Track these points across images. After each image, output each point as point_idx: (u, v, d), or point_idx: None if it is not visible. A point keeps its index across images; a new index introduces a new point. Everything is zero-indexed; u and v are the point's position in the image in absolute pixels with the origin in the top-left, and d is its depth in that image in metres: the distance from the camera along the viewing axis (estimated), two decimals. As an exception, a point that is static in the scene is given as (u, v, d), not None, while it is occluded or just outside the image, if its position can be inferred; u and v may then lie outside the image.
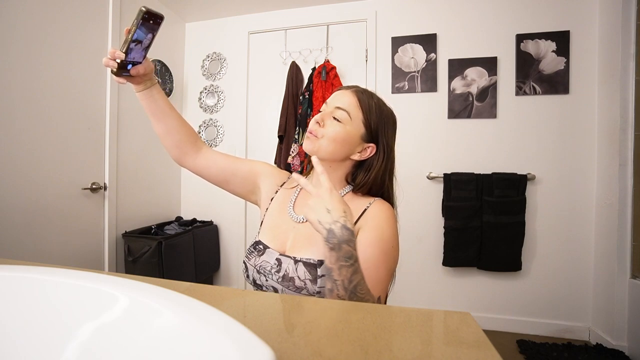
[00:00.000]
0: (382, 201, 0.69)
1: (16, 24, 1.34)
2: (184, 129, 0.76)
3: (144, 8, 0.57)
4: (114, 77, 0.64)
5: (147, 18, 0.58)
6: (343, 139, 0.66)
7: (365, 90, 0.71)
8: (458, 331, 0.35)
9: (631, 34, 1.60)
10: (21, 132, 1.37)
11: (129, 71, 0.63)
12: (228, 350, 0.20)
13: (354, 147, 0.68)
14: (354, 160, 0.70)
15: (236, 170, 0.78)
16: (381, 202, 0.69)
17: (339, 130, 0.65)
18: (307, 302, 0.42)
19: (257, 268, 0.67)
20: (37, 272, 0.33)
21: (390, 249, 0.62)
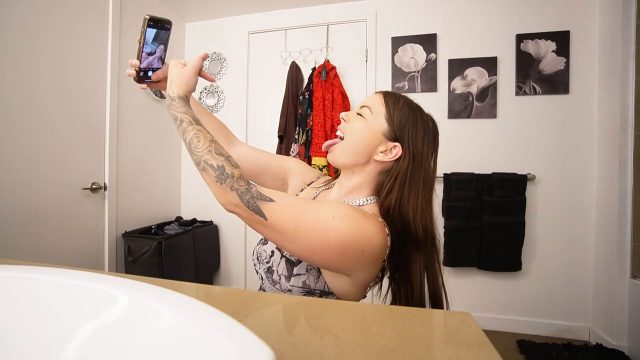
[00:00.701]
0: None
1: (16, 24, 1.34)
2: (214, 124, 0.80)
3: (147, 15, 0.61)
4: (137, 83, 0.70)
5: (152, 25, 0.62)
6: (364, 134, 0.62)
7: (396, 93, 0.69)
8: (458, 331, 0.35)
9: (631, 34, 1.60)
10: (21, 132, 1.37)
11: (150, 77, 0.70)
12: (228, 351, 0.20)
13: (376, 144, 0.62)
14: (379, 164, 0.63)
15: (267, 165, 0.79)
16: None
17: (361, 125, 0.63)
18: (307, 302, 0.42)
19: (257, 255, 0.70)
20: (37, 272, 0.33)
21: (328, 215, 0.51)
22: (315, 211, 0.53)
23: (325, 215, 0.52)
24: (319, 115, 1.96)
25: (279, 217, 0.51)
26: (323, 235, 0.50)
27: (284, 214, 0.51)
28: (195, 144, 0.54)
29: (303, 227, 0.51)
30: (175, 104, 0.58)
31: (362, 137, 0.62)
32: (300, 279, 0.59)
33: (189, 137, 0.55)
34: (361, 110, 0.65)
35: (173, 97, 0.59)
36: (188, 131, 0.55)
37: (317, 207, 0.54)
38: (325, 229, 0.51)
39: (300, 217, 0.51)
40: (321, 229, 0.51)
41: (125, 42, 1.88)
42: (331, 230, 0.50)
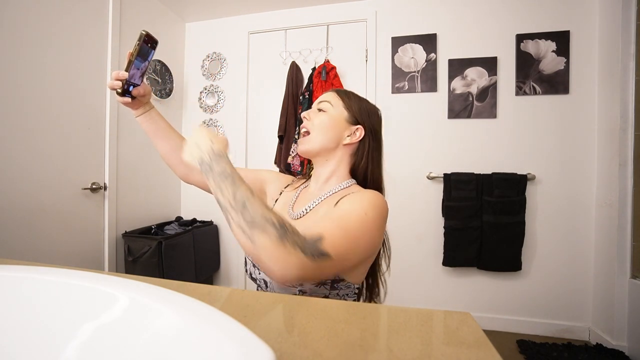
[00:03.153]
0: (373, 190, 0.67)
1: (16, 25, 1.34)
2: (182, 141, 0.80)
3: (144, 32, 0.63)
4: (118, 97, 0.69)
5: (146, 41, 0.64)
6: (329, 123, 0.70)
7: (345, 90, 0.77)
8: (458, 331, 0.35)
9: (631, 34, 1.60)
10: (21, 132, 1.37)
11: (131, 92, 0.70)
12: (228, 351, 0.20)
13: (342, 130, 0.71)
14: (347, 148, 0.72)
15: (244, 179, 0.80)
16: (372, 190, 0.67)
17: (323, 119, 0.71)
18: (307, 302, 0.42)
19: (252, 263, 0.69)
20: (37, 272, 0.33)
21: (361, 214, 0.56)
22: (349, 219, 0.55)
23: (359, 217, 0.56)
24: (319, 115, 1.95)
25: (338, 247, 0.51)
26: (371, 235, 0.57)
27: (338, 239, 0.51)
28: (252, 202, 0.48)
29: (354, 239, 0.54)
30: (222, 161, 0.52)
31: (329, 126, 0.70)
32: None
33: (242, 195, 0.49)
34: (321, 106, 0.73)
35: (219, 155, 0.52)
36: (241, 190, 0.50)
37: (347, 214, 0.56)
38: (369, 229, 0.56)
39: (348, 233, 0.53)
40: (367, 231, 0.56)
41: (126, 43, 1.88)
42: (373, 227, 0.57)
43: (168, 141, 0.79)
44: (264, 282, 0.66)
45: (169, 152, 0.79)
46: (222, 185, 0.50)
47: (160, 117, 0.80)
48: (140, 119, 0.77)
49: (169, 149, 0.79)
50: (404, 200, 2.03)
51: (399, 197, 2.04)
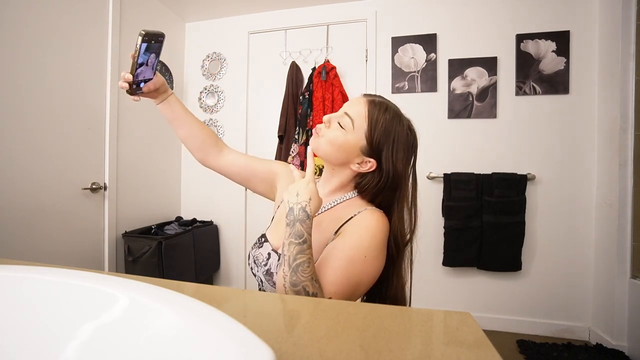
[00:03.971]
0: (374, 210, 0.65)
1: (16, 25, 1.34)
2: (204, 132, 0.82)
3: (143, 31, 0.60)
4: (129, 95, 0.70)
5: (147, 39, 0.62)
6: (340, 145, 0.64)
7: (383, 102, 0.67)
8: (458, 331, 0.35)
9: (631, 34, 1.60)
10: (21, 132, 1.37)
11: (142, 89, 0.70)
12: (228, 351, 0.20)
13: (352, 157, 0.65)
14: (354, 171, 0.67)
15: (255, 170, 0.81)
16: (372, 211, 0.64)
17: (338, 135, 0.64)
18: (307, 302, 0.42)
19: (254, 258, 0.71)
20: (37, 272, 0.33)
21: (361, 259, 0.57)
22: (353, 268, 0.57)
23: (359, 262, 0.57)
24: (319, 115, 1.96)
25: (346, 294, 0.56)
26: (372, 273, 0.59)
27: (344, 288, 0.56)
28: (304, 269, 0.52)
29: (356, 284, 0.57)
30: (305, 224, 0.55)
31: (338, 147, 0.64)
32: None
33: (302, 259, 0.53)
34: (344, 121, 0.64)
35: (307, 216, 0.55)
36: (305, 253, 0.53)
37: (350, 263, 0.57)
38: (368, 271, 0.58)
39: (350, 279, 0.56)
40: (368, 273, 0.58)
41: (126, 43, 1.88)
42: (373, 265, 0.59)
43: (187, 126, 0.80)
44: (260, 280, 0.69)
45: (188, 137, 0.81)
46: (292, 242, 0.54)
47: (179, 103, 0.80)
48: (160, 106, 0.78)
49: (189, 134, 0.81)
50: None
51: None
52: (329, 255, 0.58)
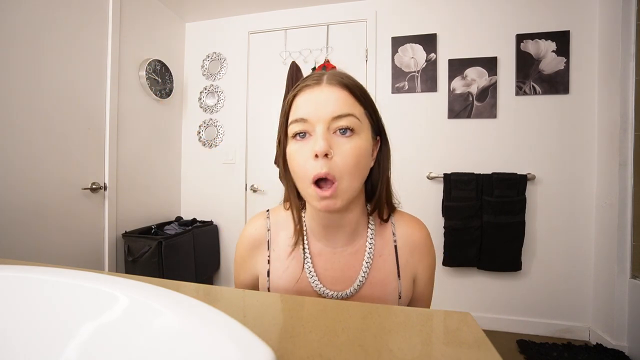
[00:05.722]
0: (402, 217, 0.58)
1: (16, 25, 1.34)
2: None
3: None
4: None
5: None
6: (363, 155, 0.48)
7: (337, 72, 0.52)
8: (458, 331, 0.35)
9: (631, 34, 1.60)
10: (21, 132, 1.37)
11: None
12: (228, 350, 0.20)
13: (370, 155, 0.51)
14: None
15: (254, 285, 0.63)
16: (403, 219, 0.58)
17: (356, 147, 0.47)
18: (307, 302, 0.42)
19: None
20: (37, 272, 0.33)
21: (434, 273, 0.59)
22: (431, 290, 0.60)
23: (433, 284, 0.60)
24: (319, 115, 1.96)
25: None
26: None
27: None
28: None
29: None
30: None
31: (362, 160, 0.48)
32: None
33: None
34: (345, 123, 0.47)
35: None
36: None
37: (429, 290, 0.59)
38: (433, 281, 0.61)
39: (430, 296, 0.61)
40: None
41: (125, 43, 1.88)
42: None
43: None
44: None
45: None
46: None
47: None
48: None
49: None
50: (404, 200, 2.02)
51: (399, 197, 2.03)
52: (421, 297, 0.59)
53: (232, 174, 2.31)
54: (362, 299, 0.53)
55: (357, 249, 0.55)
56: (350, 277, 0.54)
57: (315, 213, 0.54)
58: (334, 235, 0.55)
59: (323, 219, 0.54)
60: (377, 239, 0.56)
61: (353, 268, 0.54)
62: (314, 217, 0.55)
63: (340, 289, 0.53)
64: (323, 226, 0.54)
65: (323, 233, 0.55)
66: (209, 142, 2.38)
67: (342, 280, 0.54)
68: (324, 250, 0.56)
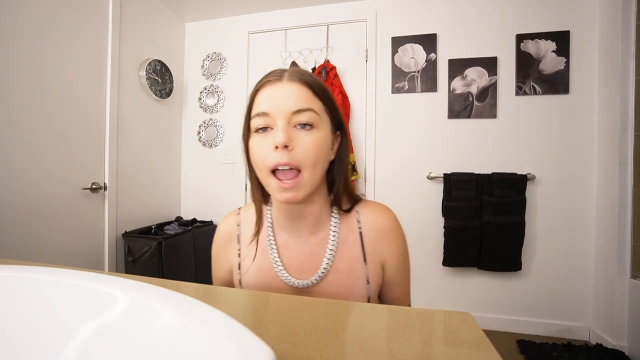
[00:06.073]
0: (367, 204, 0.59)
1: (16, 25, 1.34)
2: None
3: None
4: None
5: None
6: (323, 147, 0.51)
7: (298, 69, 0.55)
8: (458, 331, 0.35)
9: (631, 34, 1.60)
10: (21, 132, 1.37)
11: None
12: (228, 350, 0.20)
13: (330, 148, 0.54)
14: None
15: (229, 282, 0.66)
16: (367, 206, 0.58)
17: (316, 140, 0.49)
18: (307, 302, 0.42)
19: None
20: (37, 272, 0.33)
21: (408, 257, 0.61)
22: (408, 276, 0.66)
23: (408, 266, 0.66)
24: (319, 115, 1.96)
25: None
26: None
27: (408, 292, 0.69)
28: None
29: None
30: None
31: (322, 152, 0.51)
32: None
33: None
34: (304, 118, 0.49)
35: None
36: None
37: (406, 277, 0.66)
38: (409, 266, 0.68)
39: (409, 281, 0.68)
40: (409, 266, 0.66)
41: (125, 43, 1.88)
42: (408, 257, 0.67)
43: None
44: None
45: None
46: None
47: None
48: None
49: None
50: (404, 200, 2.03)
51: (399, 197, 2.04)
52: (393, 292, 0.62)
53: (232, 174, 2.31)
54: (328, 286, 0.55)
55: (322, 238, 0.57)
56: (315, 265, 0.56)
57: (279, 205, 0.56)
58: (298, 226, 0.57)
59: (286, 211, 0.56)
60: (342, 227, 0.57)
61: (318, 256, 0.56)
62: (278, 208, 0.57)
63: (306, 277, 0.55)
64: (287, 217, 0.57)
65: (288, 224, 0.57)
66: (209, 142, 2.38)
67: (308, 268, 0.56)
68: (289, 241, 0.58)
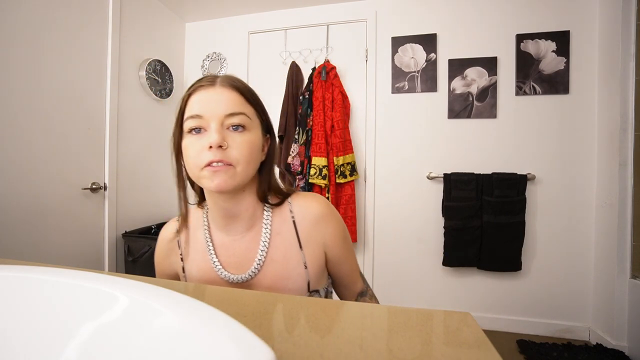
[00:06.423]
0: (298, 195, 0.62)
1: (16, 25, 1.34)
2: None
3: None
4: None
5: None
6: (254, 148, 0.54)
7: (229, 75, 0.60)
8: (458, 331, 0.35)
9: (631, 34, 1.60)
10: (21, 132, 1.37)
11: None
12: (228, 351, 0.20)
13: (260, 150, 0.57)
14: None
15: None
16: (299, 197, 0.62)
17: (248, 141, 0.53)
18: (307, 302, 0.42)
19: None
20: (37, 272, 0.33)
21: (348, 236, 0.66)
22: (352, 250, 0.69)
23: (350, 240, 0.69)
24: (319, 115, 1.96)
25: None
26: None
27: (357, 266, 0.71)
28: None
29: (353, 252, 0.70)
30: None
31: (253, 152, 0.54)
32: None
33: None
34: (237, 120, 0.53)
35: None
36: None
37: (351, 251, 0.68)
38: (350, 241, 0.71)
39: (354, 256, 0.70)
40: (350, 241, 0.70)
41: (125, 43, 1.88)
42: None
43: None
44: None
45: None
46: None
47: None
48: None
49: None
50: (404, 200, 2.03)
51: (399, 197, 2.04)
52: (340, 271, 0.66)
53: (232, 174, 2.30)
54: (265, 276, 0.58)
55: (255, 233, 0.60)
56: (250, 259, 0.59)
57: (214, 205, 0.58)
58: (233, 224, 0.59)
59: (221, 210, 0.58)
60: (275, 219, 0.60)
61: (252, 251, 0.59)
62: (214, 209, 0.59)
63: (243, 272, 0.58)
64: (222, 216, 0.59)
65: (223, 223, 0.60)
66: (209, 142, 2.38)
67: (244, 263, 0.59)
68: (225, 240, 0.60)
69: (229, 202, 0.57)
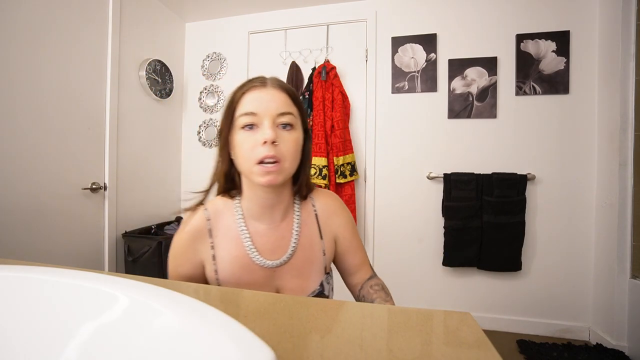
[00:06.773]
0: (318, 192, 0.72)
1: (16, 24, 1.34)
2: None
3: None
4: None
5: None
6: (299, 144, 0.61)
7: (277, 78, 0.67)
8: (458, 331, 0.35)
9: (631, 34, 1.60)
10: (21, 132, 1.37)
11: None
12: (228, 351, 0.20)
13: (302, 147, 0.63)
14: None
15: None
16: (319, 193, 0.71)
17: (295, 138, 0.60)
18: (307, 302, 0.42)
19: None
20: (37, 272, 0.33)
21: (357, 229, 0.73)
22: (359, 240, 0.75)
23: (357, 232, 0.76)
24: (319, 115, 1.96)
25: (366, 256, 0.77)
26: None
27: (365, 255, 0.76)
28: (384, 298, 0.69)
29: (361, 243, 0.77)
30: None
31: (298, 148, 0.61)
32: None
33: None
34: (287, 119, 0.59)
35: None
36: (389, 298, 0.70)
37: (358, 241, 0.75)
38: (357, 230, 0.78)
39: (361, 244, 0.76)
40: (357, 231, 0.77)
41: (125, 43, 1.88)
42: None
43: None
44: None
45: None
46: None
47: None
48: None
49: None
50: (404, 200, 2.03)
51: (399, 197, 2.04)
52: (353, 259, 0.72)
53: (232, 174, 2.30)
54: (296, 261, 0.65)
55: (287, 222, 0.67)
56: (284, 246, 0.65)
57: (253, 197, 0.63)
58: (270, 213, 0.65)
59: (262, 201, 0.63)
60: (303, 211, 0.69)
61: (286, 238, 0.65)
62: (252, 199, 0.64)
63: (278, 257, 0.64)
64: (261, 206, 0.64)
65: (260, 212, 0.65)
66: (209, 142, 2.38)
67: (278, 250, 0.65)
68: (259, 228, 0.65)
69: (271, 194, 0.62)
